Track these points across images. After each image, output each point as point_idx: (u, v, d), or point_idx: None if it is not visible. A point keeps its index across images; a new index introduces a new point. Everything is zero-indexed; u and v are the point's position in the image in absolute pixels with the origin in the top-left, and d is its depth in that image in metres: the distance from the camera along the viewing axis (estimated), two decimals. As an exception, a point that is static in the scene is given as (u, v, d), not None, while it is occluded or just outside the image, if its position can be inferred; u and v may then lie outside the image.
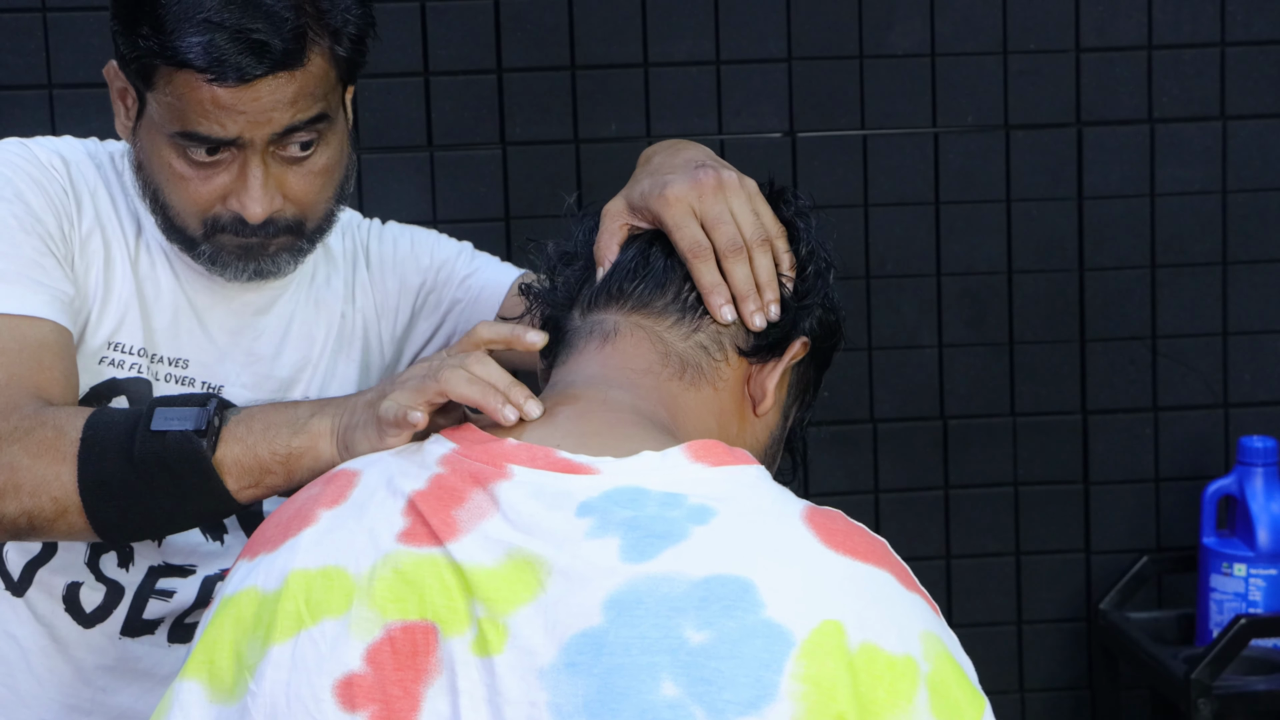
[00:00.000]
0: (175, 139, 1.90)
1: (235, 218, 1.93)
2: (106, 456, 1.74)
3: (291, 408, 1.74)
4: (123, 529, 1.80)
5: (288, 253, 1.98)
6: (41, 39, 3.18)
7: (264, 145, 1.90)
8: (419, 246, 2.23)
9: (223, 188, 1.92)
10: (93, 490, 1.74)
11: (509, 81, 3.24)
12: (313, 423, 1.70)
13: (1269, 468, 3.10)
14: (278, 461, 1.70)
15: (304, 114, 1.90)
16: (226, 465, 1.71)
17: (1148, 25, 3.28)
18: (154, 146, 1.93)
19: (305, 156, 1.94)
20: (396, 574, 1.41)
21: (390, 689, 1.38)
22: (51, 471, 1.75)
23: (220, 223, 1.94)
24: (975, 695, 1.39)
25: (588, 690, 1.33)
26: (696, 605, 1.34)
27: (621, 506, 1.40)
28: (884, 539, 1.45)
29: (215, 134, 1.88)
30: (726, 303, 1.60)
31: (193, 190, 1.93)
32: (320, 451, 1.68)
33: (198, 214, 1.94)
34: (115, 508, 1.75)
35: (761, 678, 1.32)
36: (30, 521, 1.77)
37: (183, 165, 1.92)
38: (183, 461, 1.71)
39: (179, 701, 1.46)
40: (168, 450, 1.71)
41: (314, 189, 1.96)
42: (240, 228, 1.93)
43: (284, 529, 1.49)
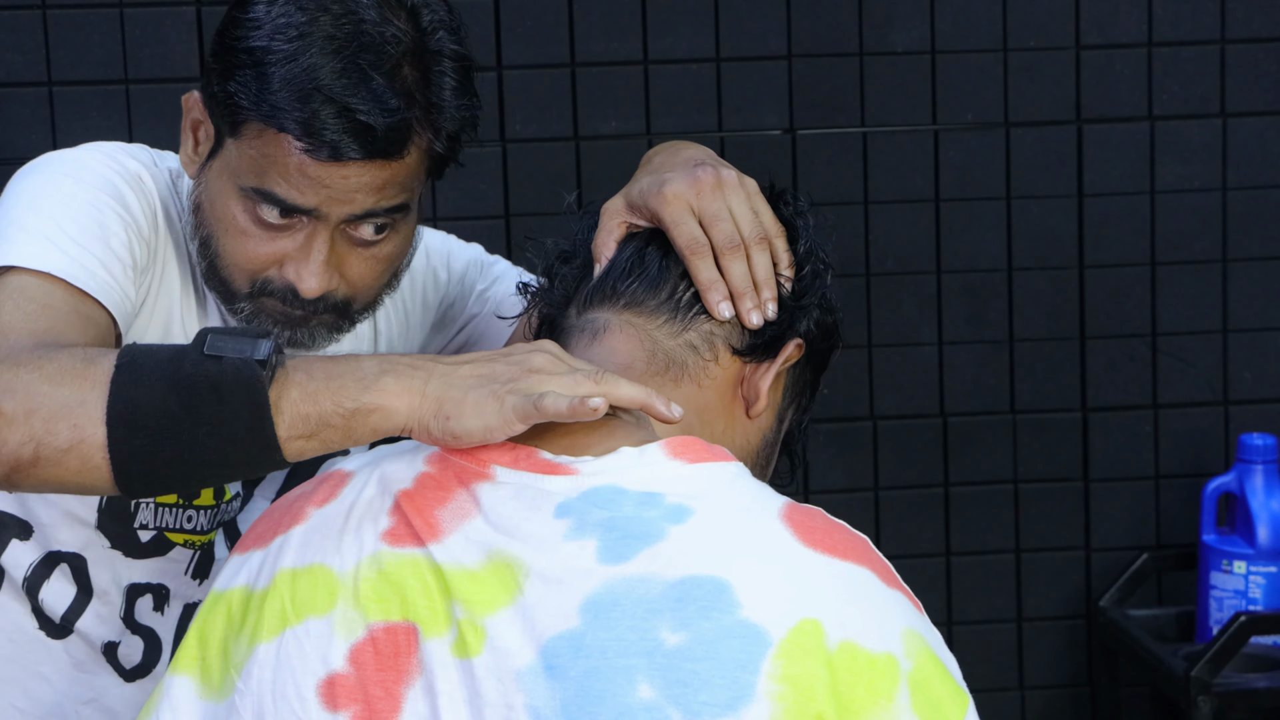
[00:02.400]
0: (248, 193, 1.83)
1: (287, 287, 1.85)
2: (145, 381, 1.54)
3: (354, 360, 1.56)
4: (146, 473, 1.57)
5: (326, 329, 1.90)
6: (41, 36, 3.18)
7: (337, 222, 1.83)
8: (435, 258, 2.15)
9: (282, 253, 1.85)
10: (122, 418, 1.54)
11: (509, 78, 3.24)
12: (384, 380, 1.52)
13: (1269, 465, 3.09)
14: (340, 415, 1.52)
15: (387, 202, 1.83)
16: (281, 407, 1.52)
17: (1148, 22, 3.28)
18: (222, 193, 1.86)
19: (374, 241, 1.86)
20: (380, 574, 1.41)
21: (372, 689, 1.38)
22: (75, 397, 1.55)
23: (270, 287, 1.86)
24: (958, 692, 1.39)
25: (565, 693, 1.33)
26: (672, 606, 1.34)
27: (599, 507, 1.40)
28: (865, 536, 1.45)
29: (293, 200, 1.81)
30: (724, 299, 1.59)
31: (251, 248, 1.85)
32: (392, 411, 1.51)
33: (250, 273, 1.86)
34: (145, 444, 1.54)
35: (738, 679, 1.31)
36: (36, 452, 1.56)
37: (247, 221, 1.84)
38: (239, 388, 1.51)
39: (169, 696, 1.47)
40: (224, 374, 1.51)
41: (373, 274, 1.88)
42: (289, 297, 1.85)
43: (275, 525, 1.50)
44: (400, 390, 1.51)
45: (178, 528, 2.00)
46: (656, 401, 1.47)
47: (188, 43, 3.19)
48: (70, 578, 2.00)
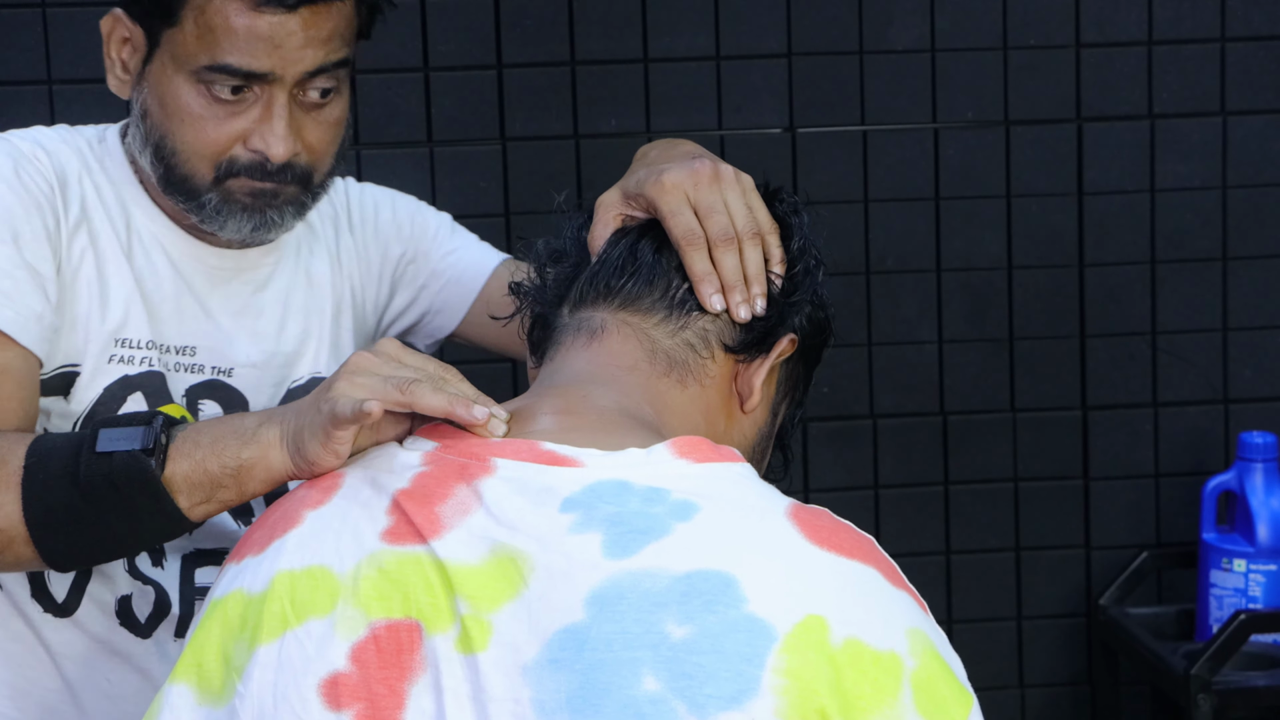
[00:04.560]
0: (201, 73, 1.88)
1: (254, 160, 1.91)
2: (51, 483, 1.68)
3: (239, 419, 1.66)
4: (72, 556, 1.74)
5: (292, 206, 1.96)
6: (41, 34, 3.18)
7: (291, 85, 1.89)
8: (400, 213, 2.21)
9: (241, 130, 1.91)
10: (39, 520, 1.68)
11: (509, 77, 3.24)
12: (261, 432, 1.62)
13: (1269, 463, 3.09)
14: (228, 475, 1.63)
15: (333, 55, 1.91)
16: (176, 483, 1.65)
17: (1148, 20, 3.28)
18: (169, 87, 1.91)
19: (323, 104, 1.93)
20: (381, 573, 1.41)
21: (375, 687, 1.38)
22: None
23: (236, 166, 1.91)
24: (962, 692, 1.39)
25: (570, 686, 1.33)
26: (678, 600, 1.34)
27: (605, 501, 1.40)
28: (871, 536, 1.45)
29: (247, 66, 1.87)
30: (716, 292, 1.59)
31: (210, 131, 1.90)
32: (271, 461, 1.61)
33: (212, 157, 1.92)
34: (63, 535, 1.69)
35: (743, 672, 1.31)
36: None
37: (203, 104, 1.90)
38: (131, 482, 1.64)
39: (169, 704, 1.47)
40: (115, 471, 1.64)
41: (327, 139, 1.95)
42: (257, 171, 1.92)
43: (270, 531, 1.49)
44: (273, 440, 1.61)
45: None
46: (458, 407, 1.49)
47: (188, 41, 3.19)
48: None
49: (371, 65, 3.23)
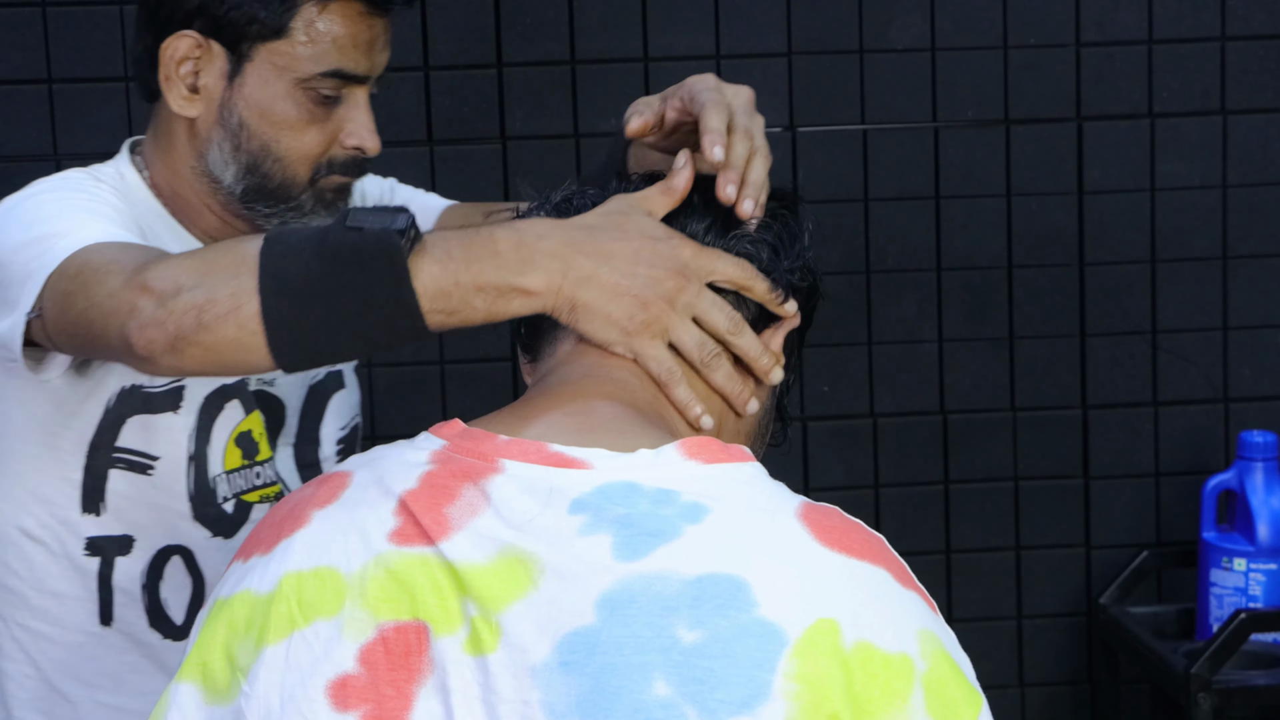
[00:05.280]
0: (312, 80, 2.01)
1: (350, 156, 2.05)
2: (293, 252, 1.61)
3: (489, 240, 1.59)
4: (297, 337, 1.62)
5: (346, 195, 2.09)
6: (41, 34, 3.18)
7: (370, 84, 2.06)
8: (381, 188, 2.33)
9: (334, 130, 2.04)
10: (273, 286, 1.61)
11: (509, 76, 3.24)
12: (529, 268, 1.56)
13: (1269, 462, 3.10)
14: (481, 296, 1.57)
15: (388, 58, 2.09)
16: (423, 283, 1.57)
17: (1148, 20, 3.28)
18: (271, 97, 2.01)
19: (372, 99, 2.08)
20: (388, 574, 1.41)
21: (383, 689, 1.38)
22: (229, 270, 1.63)
23: (335, 164, 2.05)
24: (972, 693, 1.39)
25: (580, 689, 1.33)
26: (689, 604, 1.33)
27: (614, 503, 1.39)
28: (881, 535, 1.45)
29: (354, 69, 2.03)
30: (733, 183, 1.60)
31: (312, 137, 2.03)
32: (533, 296, 1.56)
33: (314, 159, 2.04)
34: (294, 305, 1.61)
35: (754, 677, 1.31)
36: (198, 319, 1.63)
37: (307, 110, 2.02)
38: (379, 256, 1.56)
39: (175, 703, 1.46)
40: (364, 243, 1.57)
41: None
42: (350, 167, 2.06)
43: (277, 530, 1.49)
44: (541, 277, 1.56)
45: (249, 487, 2.11)
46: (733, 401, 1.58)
47: (187, 40, 3.19)
48: (184, 568, 2.07)
49: (371, 64, 3.23)
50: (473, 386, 3.26)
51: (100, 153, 3.20)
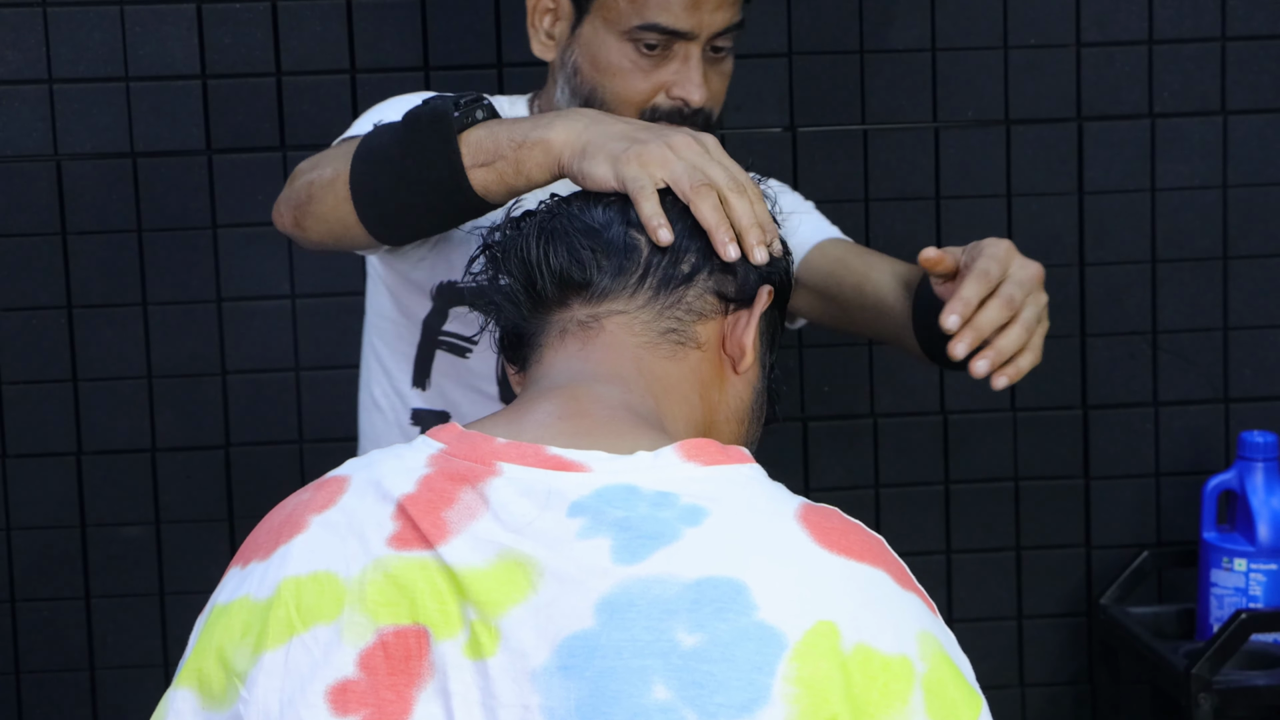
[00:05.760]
0: (632, 32, 2.21)
1: (674, 107, 2.22)
2: (383, 131, 1.95)
3: (547, 114, 1.82)
4: (371, 199, 1.96)
5: None
6: (42, 33, 3.18)
7: (705, 41, 2.22)
8: None
9: (663, 81, 2.22)
10: (360, 155, 1.97)
11: (509, 76, 3.24)
12: (556, 123, 1.76)
13: (1269, 463, 3.09)
14: (511, 146, 1.79)
15: (734, 18, 2.25)
16: (469, 141, 1.84)
17: (1148, 20, 3.28)
18: (602, 47, 2.23)
19: (722, 59, 2.27)
20: (387, 578, 1.41)
21: (383, 693, 1.38)
22: (343, 153, 2.02)
23: (658, 113, 2.22)
24: (972, 694, 1.39)
25: (580, 693, 1.33)
26: (689, 608, 1.34)
27: (613, 506, 1.39)
28: (881, 536, 1.45)
29: (673, 25, 2.20)
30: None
31: (637, 83, 2.23)
32: (551, 144, 1.75)
33: (638, 105, 2.23)
34: (369, 169, 1.95)
35: (754, 680, 1.31)
36: (309, 191, 2.05)
37: (631, 59, 2.22)
38: (436, 119, 1.85)
39: (174, 709, 1.47)
40: (423, 112, 1.87)
41: (721, 90, 2.28)
42: (676, 116, 2.21)
43: (275, 535, 1.49)
44: (563, 130, 1.75)
45: None
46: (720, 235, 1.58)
47: (188, 40, 3.19)
48: None
49: (371, 64, 3.23)
50: (473, 386, 3.27)
51: (101, 153, 3.21)
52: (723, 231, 1.59)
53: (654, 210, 1.59)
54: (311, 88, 3.23)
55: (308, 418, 3.28)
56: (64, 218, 3.22)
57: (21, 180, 3.22)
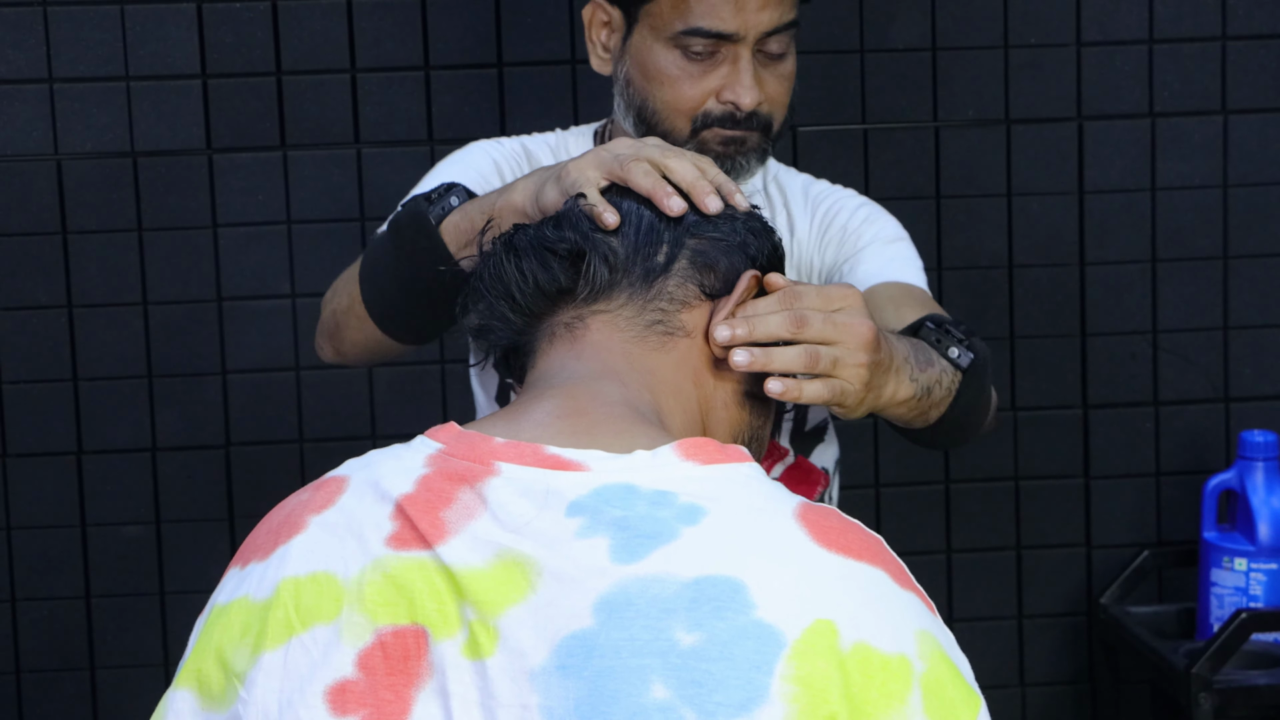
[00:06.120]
0: (677, 38, 2.18)
1: (726, 111, 2.20)
2: (377, 243, 2.05)
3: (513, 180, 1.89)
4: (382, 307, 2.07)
5: (755, 152, 2.23)
6: (42, 33, 3.18)
7: (753, 43, 2.18)
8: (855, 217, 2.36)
9: (714, 85, 2.20)
10: (365, 274, 2.08)
11: (509, 76, 3.24)
12: (518, 184, 1.82)
13: (1269, 462, 3.09)
14: (484, 218, 1.83)
15: (785, 17, 2.20)
16: (448, 229, 1.91)
17: (1149, 19, 3.28)
18: (650, 54, 2.21)
19: (778, 60, 2.22)
20: (386, 578, 1.41)
21: (382, 693, 1.38)
22: (351, 274, 2.14)
23: (710, 118, 2.20)
24: (970, 694, 1.39)
25: (579, 693, 1.33)
26: (687, 606, 1.33)
27: (612, 505, 1.39)
28: (880, 535, 1.45)
29: (717, 28, 2.17)
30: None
31: (686, 89, 2.20)
32: (514, 202, 1.80)
33: (688, 112, 2.21)
34: (377, 283, 2.05)
35: (752, 679, 1.31)
36: (335, 319, 2.17)
37: (679, 65, 2.20)
38: (413, 222, 1.94)
39: (173, 710, 1.47)
40: (404, 214, 1.96)
41: (782, 90, 2.24)
42: (728, 120, 2.20)
43: (274, 536, 1.49)
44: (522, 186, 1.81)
45: None
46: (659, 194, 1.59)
47: (188, 39, 3.19)
48: None
49: (372, 64, 3.23)
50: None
51: (101, 152, 3.21)
52: (660, 191, 1.60)
53: (595, 198, 1.60)
54: (312, 87, 3.23)
55: (308, 417, 3.28)
56: (64, 217, 3.22)
57: (22, 180, 3.22)
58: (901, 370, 1.82)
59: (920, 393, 1.87)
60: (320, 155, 3.24)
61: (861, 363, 1.69)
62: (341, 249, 3.24)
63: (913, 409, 1.88)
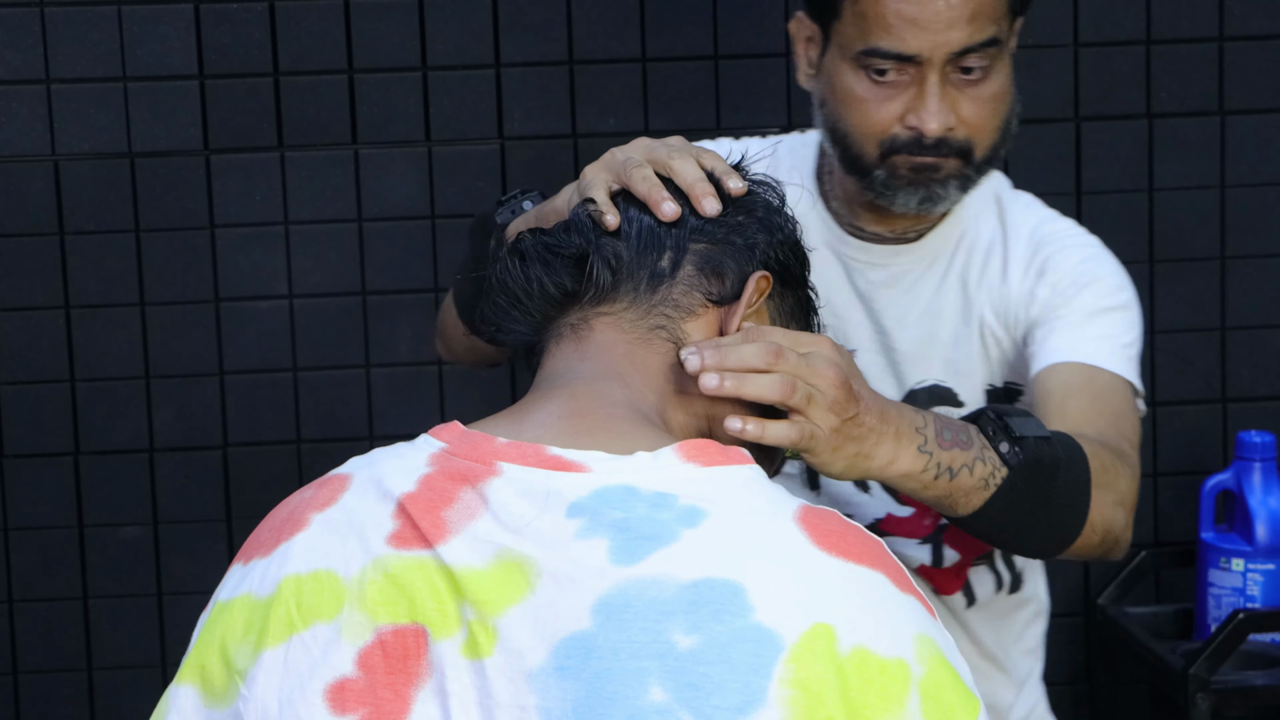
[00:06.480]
0: (859, 58, 2.06)
1: (912, 137, 2.06)
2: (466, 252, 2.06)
3: None
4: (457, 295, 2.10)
5: (955, 180, 2.10)
6: (39, 34, 3.18)
7: (940, 64, 2.04)
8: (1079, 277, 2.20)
9: (900, 109, 2.07)
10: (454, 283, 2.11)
11: (507, 76, 3.24)
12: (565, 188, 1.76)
13: (1267, 463, 3.09)
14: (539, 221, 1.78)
15: (979, 35, 2.05)
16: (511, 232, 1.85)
17: (1146, 20, 3.28)
18: (837, 75, 2.09)
19: (976, 80, 2.07)
20: (386, 577, 1.41)
21: (381, 692, 1.38)
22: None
23: (897, 143, 2.07)
24: (969, 698, 1.39)
25: (576, 694, 1.33)
26: (685, 609, 1.33)
27: (612, 507, 1.39)
28: (880, 539, 1.45)
29: (897, 49, 2.04)
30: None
31: (871, 112, 2.07)
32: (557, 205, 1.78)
33: (875, 136, 2.08)
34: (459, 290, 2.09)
35: (750, 683, 1.31)
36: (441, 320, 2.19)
37: (863, 87, 2.07)
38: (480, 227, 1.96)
39: (175, 706, 1.47)
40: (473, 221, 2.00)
41: (984, 114, 2.09)
42: (916, 146, 2.07)
43: (277, 533, 1.49)
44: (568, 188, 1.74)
45: None
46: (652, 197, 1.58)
47: (186, 40, 3.19)
48: None
49: (369, 64, 3.23)
50: (471, 388, 3.26)
51: (99, 153, 3.21)
52: (654, 195, 1.58)
53: (601, 200, 1.60)
54: (309, 88, 3.23)
55: (305, 418, 3.28)
56: (62, 218, 3.22)
57: (19, 180, 3.22)
58: (905, 438, 1.71)
59: (937, 470, 1.74)
60: (318, 156, 3.24)
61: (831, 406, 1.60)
62: (339, 250, 3.24)
63: (930, 487, 1.76)
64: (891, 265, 2.20)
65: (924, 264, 2.21)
